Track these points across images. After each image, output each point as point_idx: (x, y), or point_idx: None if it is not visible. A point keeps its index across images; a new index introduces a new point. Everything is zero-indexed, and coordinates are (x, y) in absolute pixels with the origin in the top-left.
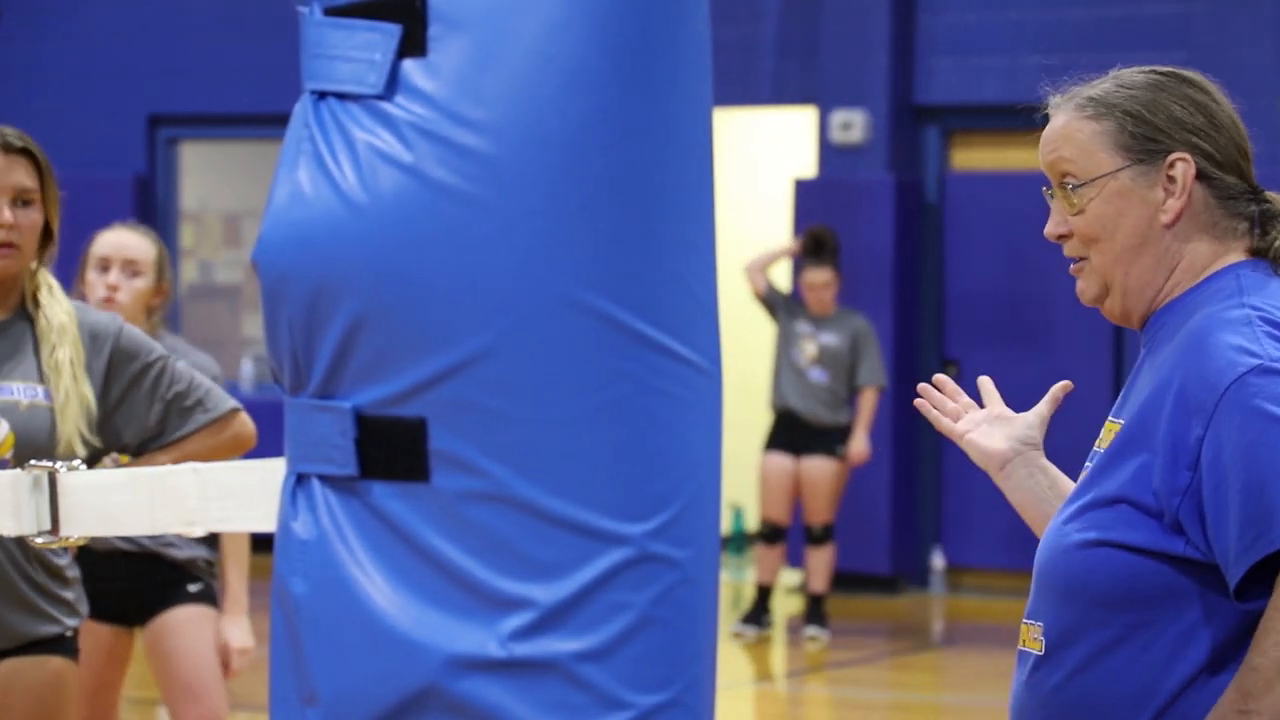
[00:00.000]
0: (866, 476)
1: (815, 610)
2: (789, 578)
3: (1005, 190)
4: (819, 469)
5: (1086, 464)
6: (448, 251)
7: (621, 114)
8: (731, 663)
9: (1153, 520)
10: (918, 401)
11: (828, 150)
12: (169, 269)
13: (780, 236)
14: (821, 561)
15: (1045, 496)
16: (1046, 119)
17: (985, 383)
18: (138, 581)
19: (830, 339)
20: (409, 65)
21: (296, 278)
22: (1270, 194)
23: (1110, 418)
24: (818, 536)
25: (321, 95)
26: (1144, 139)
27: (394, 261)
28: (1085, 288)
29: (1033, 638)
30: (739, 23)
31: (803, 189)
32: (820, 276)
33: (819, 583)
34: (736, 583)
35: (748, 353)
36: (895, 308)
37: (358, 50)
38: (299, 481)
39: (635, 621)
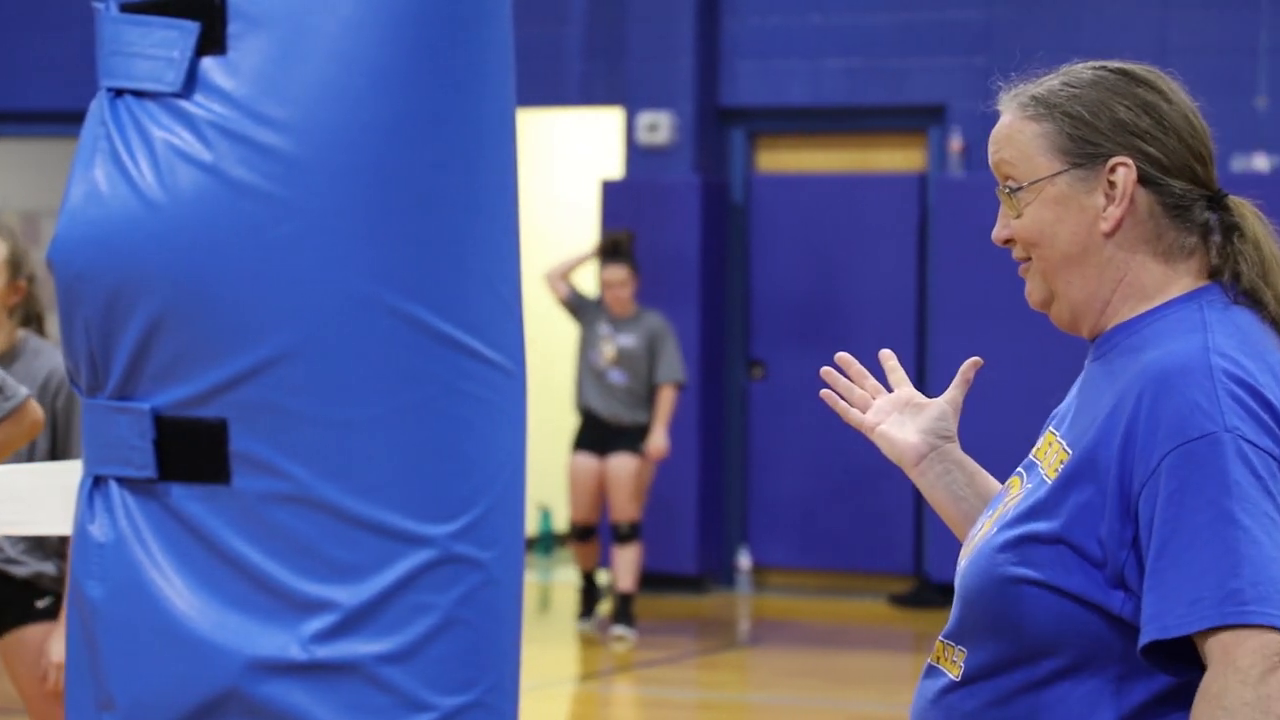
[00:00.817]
0: (673, 477)
1: (623, 610)
2: (596, 578)
3: (810, 192)
4: (621, 467)
5: (1020, 471)
6: (248, 251)
7: (423, 113)
8: (538, 663)
9: (1094, 569)
10: (824, 393)
11: (634, 151)
12: (27, 265)
13: (587, 238)
14: (628, 560)
15: (963, 495)
16: (849, 122)
17: (887, 357)
18: None
19: (628, 340)
20: (208, 63)
21: (93, 277)
22: (1233, 199)
23: (1051, 429)
24: (624, 534)
25: (119, 93)
26: (1084, 142)
27: (193, 261)
28: (1031, 291)
29: (951, 660)
30: (545, 24)
31: (609, 190)
32: (616, 275)
33: (627, 581)
34: (544, 584)
35: (554, 354)
36: (701, 308)
37: (155, 48)
38: (96, 484)
39: (438, 623)
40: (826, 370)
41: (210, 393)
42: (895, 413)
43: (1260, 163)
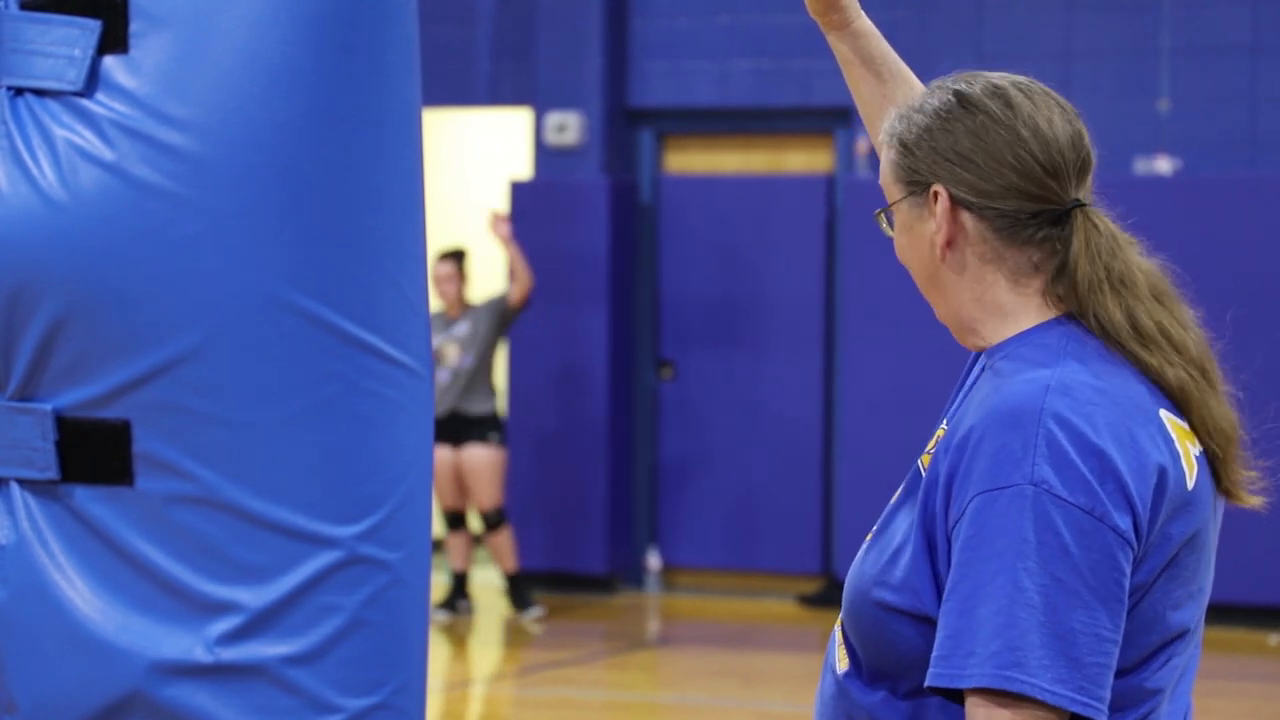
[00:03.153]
0: (582, 477)
1: (517, 591)
2: (497, 578)
3: (718, 192)
4: (477, 457)
5: (917, 464)
6: (151, 251)
7: (329, 112)
8: (446, 664)
9: (935, 586)
10: None
11: (543, 152)
12: None
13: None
14: (503, 544)
15: (884, 52)
16: (757, 123)
17: None
18: None
19: (462, 329)
20: (110, 62)
21: None
22: (1082, 212)
23: (945, 422)
24: (492, 522)
25: (19, 91)
26: (911, 170)
27: (95, 261)
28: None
29: (843, 656)
30: (453, 23)
31: (518, 190)
32: (444, 269)
33: (508, 563)
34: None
35: None
36: (610, 309)
37: (55, 46)
38: None
39: (345, 624)
40: None
41: (113, 393)
42: None
43: (1162, 165)
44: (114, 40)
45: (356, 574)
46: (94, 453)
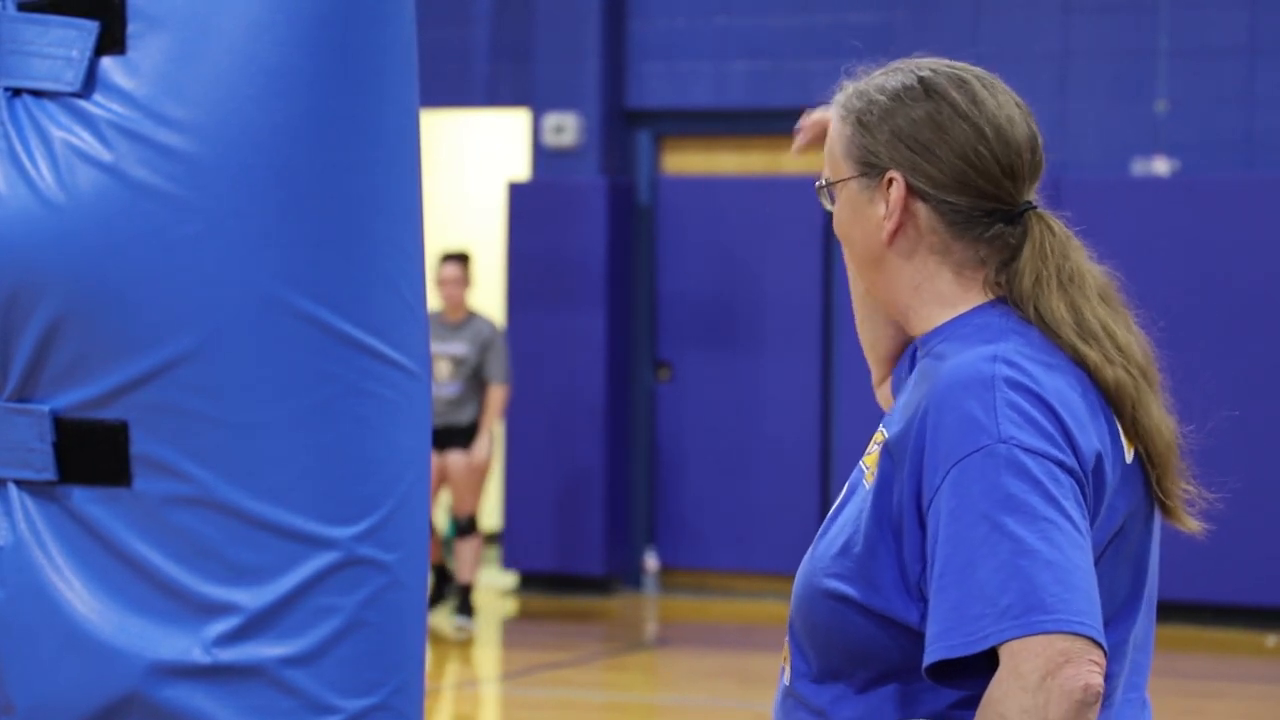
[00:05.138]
0: (580, 478)
1: (464, 601)
2: (504, 580)
3: (716, 194)
4: (458, 463)
5: (861, 465)
6: (149, 253)
7: (326, 114)
8: (444, 664)
9: (895, 573)
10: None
11: (541, 153)
12: None
13: (493, 240)
14: (468, 552)
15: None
16: (754, 124)
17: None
18: None
19: (459, 348)
20: (108, 63)
21: None
22: (1036, 214)
23: (881, 426)
24: (463, 527)
25: (16, 92)
26: (866, 151)
27: (93, 263)
28: (852, 279)
29: (790, 664)
30: (451, 25)
31: (516, 192)
32: (450, 272)
33: (466, 573)
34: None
35: None
36: (608, 310)
37: (53, 47)
38: None
39: (343, 625)
40: None
41: (111, 395)
42: None
43: (1160, 166)
44: (112, 41)
45: (354, 575)
46: (92, 454)
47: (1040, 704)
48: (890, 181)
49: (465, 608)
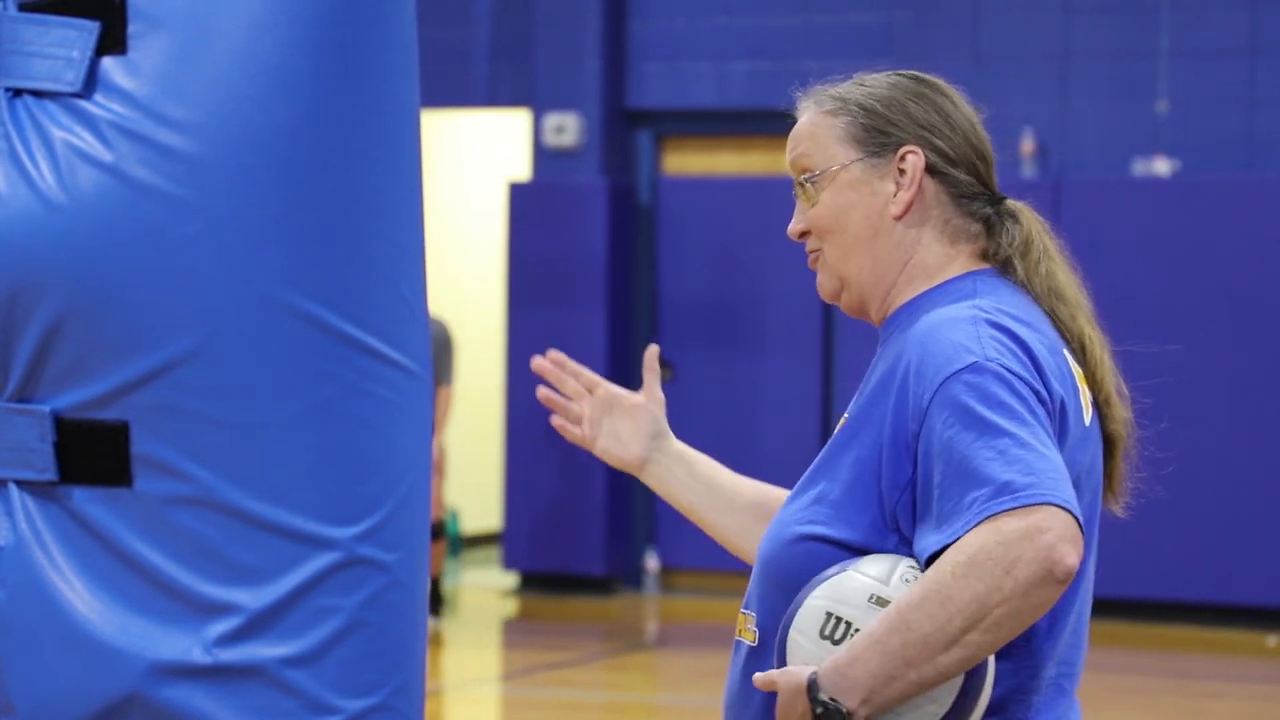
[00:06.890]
0: (580, 478)
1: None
2: (504, 580)
3: (716, 194)
4: None
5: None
6: (150, 253)
7: (327, 114)
8: (444, 665)
9: (874, 517)
10: (542, 395)
11: (541, 153)
12: None
13: (493, 240)
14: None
15: (689, 485)
16: (755, 124)
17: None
18: None
19: None
20: (109, 63)
21: None
22: (1012, 202)
23: (846, 413)
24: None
25: (17, 93)
26: (877, 132)
27: (94, 263)
28: (822, 282)
29: (748, 628)
30: (451, 25)
31: (516, 192)
32: None
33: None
34: (452, 586)
35: (460, 354)
36: (609, 310)
37: (54, 47)
38: None
39: (343, 626)
40: (540, 363)
41: (112, 395)
42: (605, 420)
43: (1161, 166)
44: (112, 42)
45: (355, 575)
46: (92, 454)
47: (1010, 557)
48: (904, 156)
49: (432, 605)
